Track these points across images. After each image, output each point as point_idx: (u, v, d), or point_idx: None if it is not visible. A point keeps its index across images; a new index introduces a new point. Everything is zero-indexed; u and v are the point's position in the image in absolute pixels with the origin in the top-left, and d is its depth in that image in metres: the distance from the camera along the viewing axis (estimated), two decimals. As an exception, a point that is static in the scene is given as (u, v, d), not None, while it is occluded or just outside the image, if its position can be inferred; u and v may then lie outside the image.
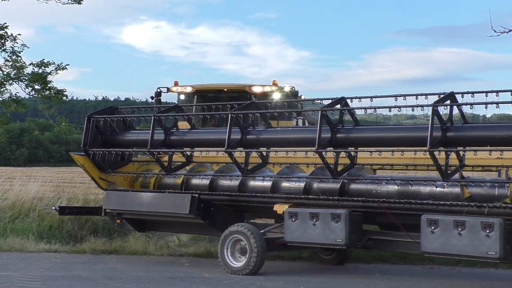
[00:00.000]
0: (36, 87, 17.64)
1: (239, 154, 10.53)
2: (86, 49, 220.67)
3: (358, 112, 10.48)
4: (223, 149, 10.35)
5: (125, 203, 11.41)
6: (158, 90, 16.28)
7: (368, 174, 10.10)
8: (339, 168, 9.73)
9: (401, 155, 9.18)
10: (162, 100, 16.45)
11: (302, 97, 16.45)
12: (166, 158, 11.53)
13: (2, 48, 17.66)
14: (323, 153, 9.56)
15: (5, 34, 17.59)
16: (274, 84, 16.02)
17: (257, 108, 10.84)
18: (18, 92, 18.33)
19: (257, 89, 15.74)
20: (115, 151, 11.69)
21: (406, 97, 9.33)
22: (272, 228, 10.61)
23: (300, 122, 16.11)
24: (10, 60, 17.66)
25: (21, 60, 17.74)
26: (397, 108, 9.41)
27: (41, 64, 17.71)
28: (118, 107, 12.59)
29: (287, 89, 16.27)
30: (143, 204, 11.10)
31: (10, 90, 17.90)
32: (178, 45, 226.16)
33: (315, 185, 10.14)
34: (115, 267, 10.77)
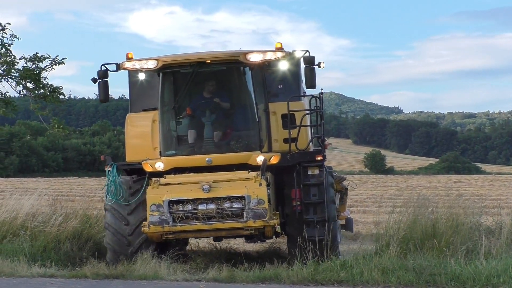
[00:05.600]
0: (29, 85, 17.17)
1: None
2: (87, 40, 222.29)
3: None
4: None
5: None
6: (103, 68, 12.72)
7: None
8: None
9: None
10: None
11: (322, 66, 13.15)
12: None
13: (-11, 40, 17.36)
14: None
15: None
16: (279, 49, 12.67)
17: None
18: (8, 92, 18.07)
19: (255, 57, 12.51)
20: None
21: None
22: None
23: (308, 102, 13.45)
24: (-2, 54, 17.36)
25: (11, 54, 17.35)
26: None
27: (35, 58, 17.23)
28: None
29: (298, 54, 12.97)
30: None
31: (-2, 88, 17.65)
32: (195, 34, 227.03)
33: None
34: (122, 295, 10.55)
